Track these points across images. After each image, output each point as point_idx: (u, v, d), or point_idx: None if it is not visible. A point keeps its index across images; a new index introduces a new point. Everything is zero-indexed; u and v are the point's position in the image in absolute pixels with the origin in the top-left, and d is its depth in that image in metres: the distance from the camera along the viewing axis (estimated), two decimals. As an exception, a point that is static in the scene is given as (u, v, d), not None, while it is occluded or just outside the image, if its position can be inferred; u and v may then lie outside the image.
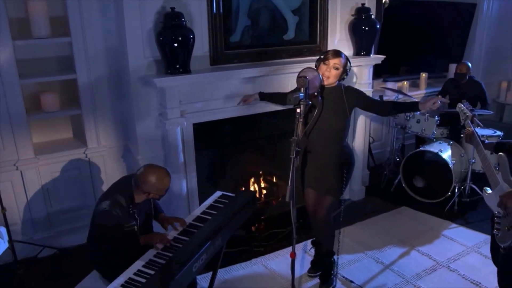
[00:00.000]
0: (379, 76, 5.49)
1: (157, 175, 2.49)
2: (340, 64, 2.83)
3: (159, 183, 2.48)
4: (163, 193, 2.55)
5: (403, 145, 5.36)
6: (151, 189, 2.49)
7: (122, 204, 2.47)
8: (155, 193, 2.52)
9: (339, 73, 2.85)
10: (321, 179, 2.98)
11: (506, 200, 2.29)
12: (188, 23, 3.24)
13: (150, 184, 2.47)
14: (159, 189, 2.51)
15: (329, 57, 2.83)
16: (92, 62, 3.54)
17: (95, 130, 3.69)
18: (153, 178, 2.47)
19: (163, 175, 2.51)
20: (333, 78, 2.85)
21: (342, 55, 2.86)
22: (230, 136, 3.85)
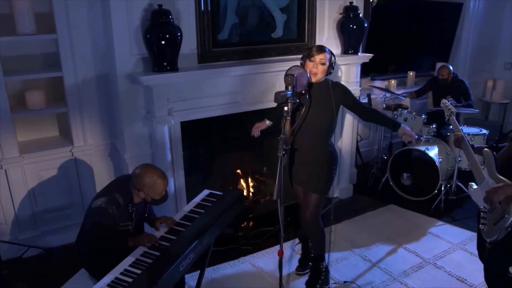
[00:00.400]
0: (367, 75, 5.51)
1: (152, 175, 2.47)
2: (326, 59, 2.82)
3: (153, 184, 2.46)
4: (156, 197, 2.52)
5: (391, 144, 5.41)
6: (143, 188, 2.47)
7: (119, 202, 2.45)
8: (147, 194, 2.49)
9: (326, 68, 2.84)
10: (307, 176, 2.98)
11: (492, 195, 2.31)
12: (175, 20, 3.22)
13: (144, 183, 2.46)
14: (152, 191, 2.48)
15: (314, 53, 2.81)
16: (78, 59, 3.49)
17: (81, 128, 3.66)
18: (148, 178, 2.46)
19: (158, 177, 2.49)
20: (320, 74, 2.84)
21: (326, 49, 2.85)
22: (218, 135, 3.84)
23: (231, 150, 4.08)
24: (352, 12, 4.02)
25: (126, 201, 2.49)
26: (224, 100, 3.63)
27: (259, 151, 4.23)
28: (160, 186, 2.48)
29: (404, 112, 4.88)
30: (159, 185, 2.48)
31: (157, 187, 2.48)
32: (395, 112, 4.90)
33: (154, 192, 2.49)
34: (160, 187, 2.49)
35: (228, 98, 3.65)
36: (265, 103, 3.76)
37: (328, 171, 2.97)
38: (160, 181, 2.48)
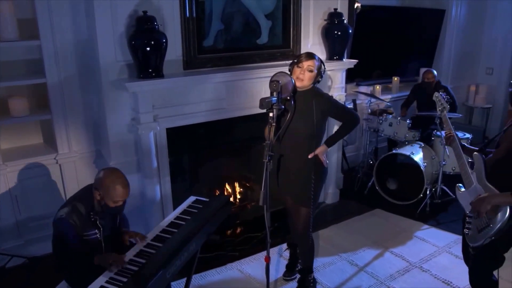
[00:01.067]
0: (352, 80, 5.56)
1: (114, 179, 2.38)
2: (314, 66, 2.79)
3: (111, 188, 2.36)
4: (110, 203, 2.40)
5: (376, 148, 5.46)
6: (101, 189, 2.38)
7: (81, 212, 2.38)
8: (102, 197, 2.39)
9: (313, 76, 2.81)
10: (295, 187, 2.93)
11: (478, 207, 2.33)
12: (160, 27, 3.21)
13: (103, 184, 2.38)
14: (108, 195, 2.37)
15: (302, 59, 2.81)
16: (62, 65, 3.47)
17: (66, 135, 3.63)
18: (108, 180, 2.37)
19: (120, 183, 2.39)
20: (307, 81, 2.81)
21: (316, 57, 2.84)
22: (204, 141, 3.83)
23: (218, 156, 4.08)
24: (337, 18, 4.06)
25: (87, 210, 2.41)
26: (210, 106, 3.63)
27: (245, 157, 4.23)
28: (118, 193, 2.38)
29: (389, 117, 4.93)
30: (118, 191, 2.37)
31: (114, 193, 2.37)
32: (381, 117, 4.95)
33: (110, 197, 2.38)
34: (118, 193, 2.38)
35: (214, 104, 3.65)
36: (251, 109, 3.76)
37: (315, 181, 2.92)
38: (120, 188, 2.38)
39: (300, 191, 2.93)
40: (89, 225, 2.42)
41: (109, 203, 2.40)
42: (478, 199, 2.35)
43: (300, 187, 2.92)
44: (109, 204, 2.41)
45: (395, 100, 5.94)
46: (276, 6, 3.82)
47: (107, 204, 2.41)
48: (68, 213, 2.34)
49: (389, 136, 4.97)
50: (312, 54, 2.86)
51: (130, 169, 3.48)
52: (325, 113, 2.86)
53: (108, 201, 2.39)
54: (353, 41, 5.00)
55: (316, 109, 2.80)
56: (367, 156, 5.28)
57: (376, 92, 5.58)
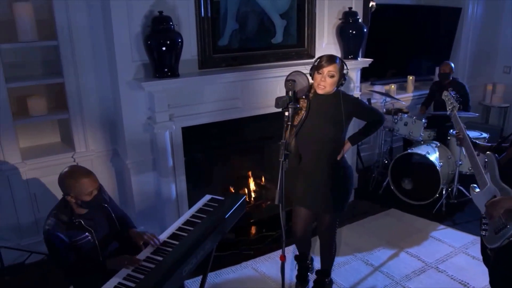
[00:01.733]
0: (367, 80, 5.53)
1: (73, 175, 2.35)
2: (335, 71, 2.67)
3: (76, 184, 2.32)
4: (85, 198, 2.35)
5: (391, 148, 5.43)
6: (70, 192, 2.34)
7: (64, 220, 2.36)
8: (76, 197, 2.35)
9: (336, 81, 2.69)
10: (316, 196, 2.88)
11: (492, 210, 2.30)
12: (176, 27, 3.24)
13: (67, 185, 2.34)
14: (78, 192, 2.33)
15: (323, 65, 2.67)
16: (79, 65, 3.51)
17: (83, 134, 3.67)
18: (69, 179, 2.33)
19: (81, 174, 2.35)
20: (329, 87, 2.70)
21: (337, 60, 2.70)
22: (219, 139, 3.85)
23: (232, 155, 4.10)
24: (351, 17, 4.05)
25: (68, 216, 2.38)
26: (224, 106, 3.65)
27: (260, 156, 4.25)
28: (85, 185, 2.33)
29: (404, 116, 4.90)
30: (84, 184, 2.33)
31: (82, 186, 2.32)
32: (396, 117, 4.92)
33: (81, 193, 2.33)
34: (85, 185, 2.33)
35: (229, 103, 3.67)
36: (265, 109, 3.78)
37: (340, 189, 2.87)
38: (84, 179, 2.34)
39: (326, 201, 2.87)
40: (76, 230, 2.39)
41: (85, 198, 2.36)
42: (491, 202, 2.32)
43: (325, 197, 2.86)
44: (86, 199, 2.36)
45: (410, 99, 5.90)
46: (291, 5, 3.83)
47: (84, 201, 2.37)
48: (53, 224, 2.32)
49: (404, 136, 4.94)
50: (333, 57, 2.71)
51: (146, 168, 3.54)
52: (351, 114, 2.81)
53: (83, 196, 2.35)
54: (367, 40, 4.96)
55: (345, 113, 2.74)
56: (382, 155, 5.26)
57: (391, 91, 5.55)
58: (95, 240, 2.45)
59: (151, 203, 3.61)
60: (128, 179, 3.63)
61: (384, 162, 5.26)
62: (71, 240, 2.36)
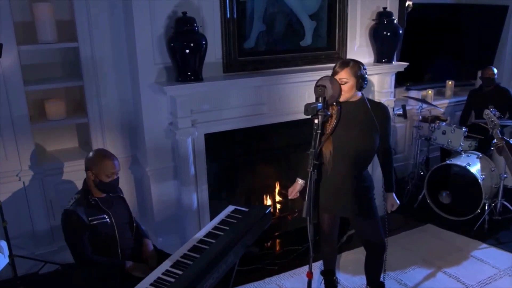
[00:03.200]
0: (402, 84, 5.51)
1: (99, 154, 2.72)
2: (347, 77, 2.69)
3: (100, 162, 2.65)
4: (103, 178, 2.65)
5: (428, 158, 5.36)
6: (92, 168, 2.66)
7: (82, 201, 2.64)
8: (95, 174, 2.65)
9: (351, 85, 2.71)
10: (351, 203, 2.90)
11: None
12: (200, 28, 3.30)
13: (92, 162, 2.67)
14: (99, 170, 2.64)
15: (337, 71, 2.73)
16: (100, 68, 3.61)
17: (102, 140, 3.76)
18: (95, 157, 2.69)
19: (105, 156, 2.70)
20: (347, 92, 2.72)
21: (350, 64, 2.72)
22: (243, 147, 3.91)
23: (257, 163, 4.14)
24: (386, 18, 4.04)
25: (86, 196, 2.67)
26: (249, 111, 3.70)
27: (286, 165, 4.27)
28: (108, 165, 2.66)
29: (443, 124, 4.84)
30: (107, 164, 2.66)
31: (104, 166, 2.65)
32: (433, 125, 4.87)
33: (101, 172, 2.65)
34: (108, 166, 2.66)
35: (254, 109, 3.72)
36: (293, 115, 3.82)
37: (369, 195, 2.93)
38: (107, 160, 2.67)
39: (361, 204, 2.90)
40: (94, 209, 2.65)
41: (103, 178, 2.66)
42: None
43: (360, 201, 2.89)
44: (104, 180, 2.66)
45: (449, 106, 5.83)
46: (321, 5, 3.85)
47: (101, 180, 2.67)
48: (73, 203, 2.62)
49: (442, 145, 4.88)
50: (346, 61, 2.75)
51: (166, 175, 3.61)
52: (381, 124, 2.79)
53: (102, 176, 2.66)
54: (403, 42, 4.95)
55: (377, 119, 2.76)
56: (418, 166, 5.21)
57: (428, 97, 5.50)
58: (113, 223, 2.68)
59: (171, 213, 3.67)
60: (147, 188, 3.70)
61: (419, 174, 5.21)
62: (88, 219, 2.60)
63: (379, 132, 2.80)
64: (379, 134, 2.79)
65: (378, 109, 2.80)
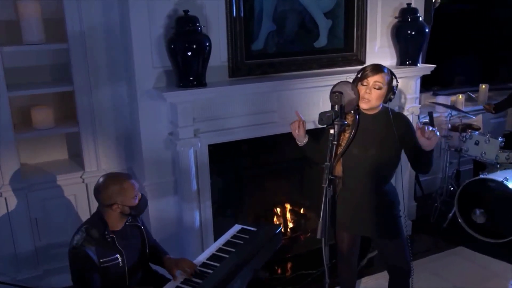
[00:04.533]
0: (428, 89, 5.55)
1: (115, 181, 2.62)
2: (383, 82, 2.72)
3: (121, 189, 2.60)
4: (132, 203, 2.63)
5: (458, 172, 5.38)
6: (116, 200, 2.60)
7: (95, 236, 2.57)
8: (122, 204, 2.61)
9: (383, 94, 2.75)
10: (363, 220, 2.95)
11: None
12: (203, 28, 3.37)
13: (112, 193, 2.59)
14: (124, 197, 2.60)
15: (368, 74, 2.73)
16: (92, 72, 3.67)
17: (94, 151, 3.82)
18: (112, 186, 2.60)
19: (123, 179, 2.65)
20: (375, 101, 2.76)
21: (385, 69, 2.76)
22: (251, 159, 3.98)
23: (267, 177, 4.21)
24: (410, 15, 4.09)
25: (101, 231, 2.60)
26: (258, 120, 3.76)
27: (299, 180, 4.33)
28: (130, 188, 2.63)
29: (475, 134, 4.86)
30: (128, 187, 2.62)
31: (127, 191, 2.61)
32: (464, 134, 4.89)
33: (127, 198, 2.62)
34: (130, 189, 2.63)
35: (264, 117, 3.78)
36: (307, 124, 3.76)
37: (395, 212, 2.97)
38: (127, 183, 2.63)
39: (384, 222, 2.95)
40: (107, 248, 2.60)
41: (132, 202, 2.64)
42: None
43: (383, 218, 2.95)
44: (133, 204, 2.65)
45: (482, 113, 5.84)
46: (337, 2, 3.93)
47: (132, 206, 2.64)
48: (82, 239, 2.54)
49: (475, 157, 4.90)
50: (380, 66, 2.78)
51: (166, 191, 3.68)
52: (403, 137, 2.81)
53: (130, 201, 2.63)
54: (429, 42, 4.99)
55: (398, 134, 2.78)
56: (447, 181, 5.22)
57: (458, 103, 5.50)
58: (125, 265, 2.64)
59: (171, 232, 3.72)
60: None
61: (449, 189, 5.22)
62: (99, 260, 2.55)
63: (404, 146, 2.84)
64: (400, 148, 2.84)
65: (398, 121, 2.83)
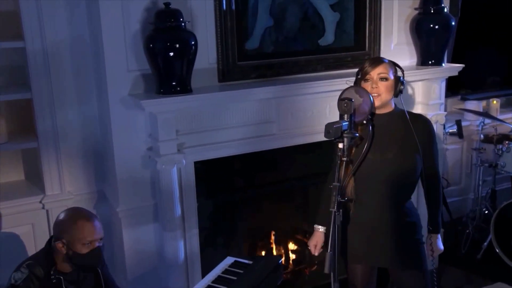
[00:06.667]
0: (456, 93, 5.64)
1: (73, 216, 2.69)
2: (387, 71, 2.94)
3: (73, 226, 2.65)
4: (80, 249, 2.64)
5: (494, 191, 5.39)
6: (63, 236, 2.66)
7: (38, 275, 2.62)
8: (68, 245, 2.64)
9: (391, 85, 2.95)
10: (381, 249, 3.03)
11: None
12: (188, 24, 3.44)
13: (63, 228, 2.67)
14: (73, 238, 2.63)
15: (368, 69, 2.93)
16: (55, 76, 3.69)
17: (57, 170, 3.82)
18: (67, 221, 2.68)
19: (82, 217, 2.69)
20: (385, 94, 2.94)
21: (385, 60, 3.00)
22: (245, 179, 4.05)
23: (264, 200, 4.26)
24: (434, 5, 4.17)
25: (46, 269, 2.66)
26: (254, 132, 3.84)
27: (302, 202, 4.40)
28: (85, 230, 2.65)
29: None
30: (84, 228, 2.65)
31: (80, 231, 2.64)
32: (500, 146, 4.96)
33: (76, 240, 2.64)
34: (85, 231, 2.65)
35: (260, 129, 3.86)
36: (311, 136, 3.98)
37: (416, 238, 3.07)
38: (85, 222, 2.67)
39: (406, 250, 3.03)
40: None
41: (80, 249, 2.66)
42: None
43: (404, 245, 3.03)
44: (81, 251, 2.66)
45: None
46: (346, -8, 4.03)
47: (78, 252, 2.66)
48: (22, 278, 2.60)
49: (513, 174, 4.98)
50: (379, 57, 3.05)
51: (144, 217, 3.73)
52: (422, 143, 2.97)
53: (78, 246, 2.65)
54: (456, 37, 5.04)
55: (418, 135, 2.92)
56: (480, 202, 5.27)
57: (492, 109, 5.57)
58: None
59: (150, 267, 3.76)
60: (118, 233, 3.80)
61: (483, 213, 5.27)
62: None
63: (421, 153, 2.96)
64: (421, 155, 2.96)
65: (418, 123, 2.98)
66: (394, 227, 3.01)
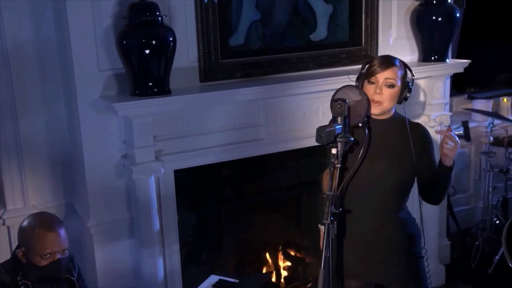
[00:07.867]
0: (462, 92, 5.70)
1: (33, 223, 2.69)
2: (395, 77, 2.87)
3: (30, 235, 2.66)
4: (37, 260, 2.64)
5: (506, 199, 5.43)
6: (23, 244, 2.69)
7: (4, 280, 2.66)
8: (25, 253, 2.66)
9: (396, 92, 2.91)
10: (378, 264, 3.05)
11: None
12: (165, 18, 3.47)
13: (24, 237, 2.69)
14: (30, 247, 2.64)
15: (376, 70, 2.87)
16: (15, 75, 3.70)
17: (19, 183, 3.82)
18: (27, 229, 2.69)
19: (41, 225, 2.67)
20: (388, 102, 2.91)
21: (397, 61, 2.91)
22: (231, 189, 4.07)
23: (253, 211, 4.30)
24: (436, -4, 4.21)
25: (14, 277, 2.68)
26: (239, 137, 3.87)
27: (294, 213, 4.43)
28: (43, 241, 2.63)
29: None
30: (42, 239, 2.63)
31: (38, 242, 2.63)
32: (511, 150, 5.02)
33: (34, 250, 2.64)
34: (43, 242, 2.63)
35: (246, 134, 3.90)
36: (302, 140, 4.01)
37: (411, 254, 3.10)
38: (44, 232, 2.65)
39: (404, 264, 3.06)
40: None
41: (39, 261, 2.66)
42: None
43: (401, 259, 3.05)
44: (40, 263, 2.66)
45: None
46: (340, -18, 4.07)
47: (35, 264, 2.67)
48: None
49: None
50: (391, 58, 2.93)
51: (118, 233, 3.74)
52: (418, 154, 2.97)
53: (36, 258, 2.66)
54: (462, 31, 5.08)
55: (414, 146, 2.93)
56: (490, 211, 5.30)
57: (502, 109, 5.64)
58: None
59: (126, 286, 3.77)
60: (89, 251, 3.81)
61: (494, 223, 5.30)
62: None
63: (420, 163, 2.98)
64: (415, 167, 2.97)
65: (416, 133, 2.98)
66: (389, 241, 3.03)
